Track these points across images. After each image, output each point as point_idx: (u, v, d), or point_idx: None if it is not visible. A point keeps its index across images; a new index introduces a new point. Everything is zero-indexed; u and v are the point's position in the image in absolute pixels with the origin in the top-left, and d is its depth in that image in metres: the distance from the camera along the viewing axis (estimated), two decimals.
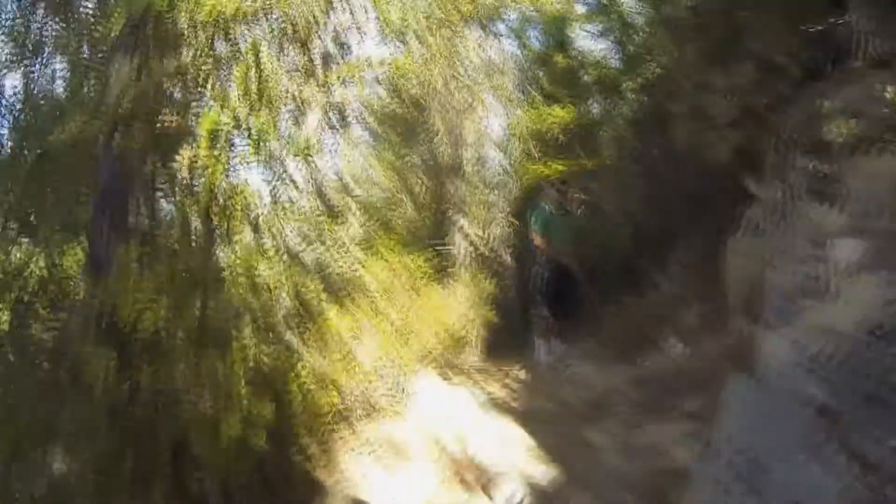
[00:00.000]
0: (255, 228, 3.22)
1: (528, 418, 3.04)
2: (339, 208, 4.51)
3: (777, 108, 1.88)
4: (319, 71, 4.20)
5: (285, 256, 3.13)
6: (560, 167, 5.71)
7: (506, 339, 5.45)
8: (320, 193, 4.99)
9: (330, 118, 4.23)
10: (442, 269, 5.63)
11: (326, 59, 5.27)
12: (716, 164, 3.15)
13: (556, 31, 9.21)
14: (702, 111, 3.07)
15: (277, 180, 3.66)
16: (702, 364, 3.01)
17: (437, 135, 6.33)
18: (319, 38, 4.43)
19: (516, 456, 2.74)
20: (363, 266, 3.29)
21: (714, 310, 3.55)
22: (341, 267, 3.09)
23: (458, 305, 4.50)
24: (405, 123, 7.85)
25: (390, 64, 4.89)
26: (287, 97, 3.52)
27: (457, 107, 5.98)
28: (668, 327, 3.89)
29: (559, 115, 6.78)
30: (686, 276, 4.70)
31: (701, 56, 3.28)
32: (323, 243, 3.12)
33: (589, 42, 8.19)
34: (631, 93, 5.89)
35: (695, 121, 3.25)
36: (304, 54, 4.10)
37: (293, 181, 3.74)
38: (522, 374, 4.17)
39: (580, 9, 8.78)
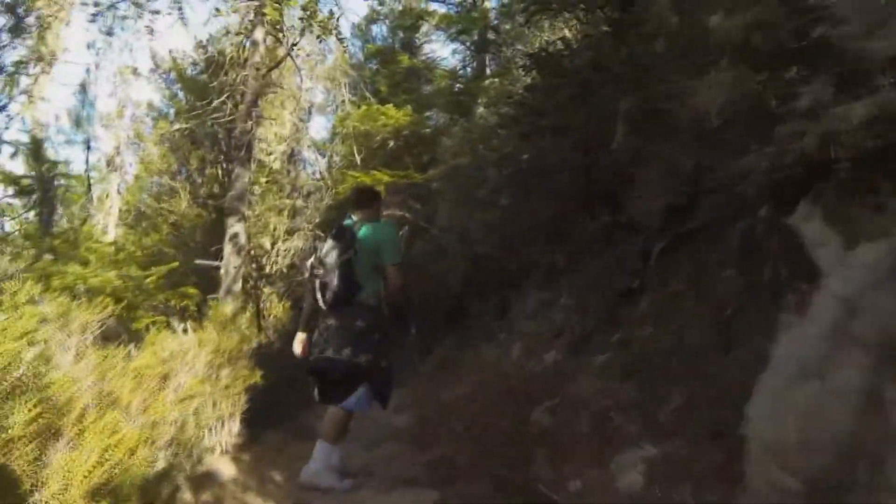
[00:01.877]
0: None
1: None
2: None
3: None
4: None
5: None
6: (386, 177, 4.46)
7: (295, 411, 3.15)
8: None
9: None
10: (204, 295, 3.88)
11: None
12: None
13: (405, 31, 8.26)
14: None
15: None
16: None
17: (232, 101, 4.53)
18: None
19: None
20: None
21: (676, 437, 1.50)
22: None
23: (202, 362, 2.79)
24: (192, 84, 5.81)
25: None
26: None
27: (262, 69, 4.34)
28: (582, 450, 1.70)
29: (394, 116, 5.60)
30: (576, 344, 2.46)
31: None
32: None
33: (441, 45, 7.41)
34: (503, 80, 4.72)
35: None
36: None
37: None
38: None
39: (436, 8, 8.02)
